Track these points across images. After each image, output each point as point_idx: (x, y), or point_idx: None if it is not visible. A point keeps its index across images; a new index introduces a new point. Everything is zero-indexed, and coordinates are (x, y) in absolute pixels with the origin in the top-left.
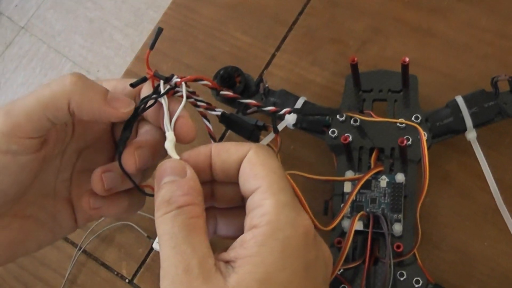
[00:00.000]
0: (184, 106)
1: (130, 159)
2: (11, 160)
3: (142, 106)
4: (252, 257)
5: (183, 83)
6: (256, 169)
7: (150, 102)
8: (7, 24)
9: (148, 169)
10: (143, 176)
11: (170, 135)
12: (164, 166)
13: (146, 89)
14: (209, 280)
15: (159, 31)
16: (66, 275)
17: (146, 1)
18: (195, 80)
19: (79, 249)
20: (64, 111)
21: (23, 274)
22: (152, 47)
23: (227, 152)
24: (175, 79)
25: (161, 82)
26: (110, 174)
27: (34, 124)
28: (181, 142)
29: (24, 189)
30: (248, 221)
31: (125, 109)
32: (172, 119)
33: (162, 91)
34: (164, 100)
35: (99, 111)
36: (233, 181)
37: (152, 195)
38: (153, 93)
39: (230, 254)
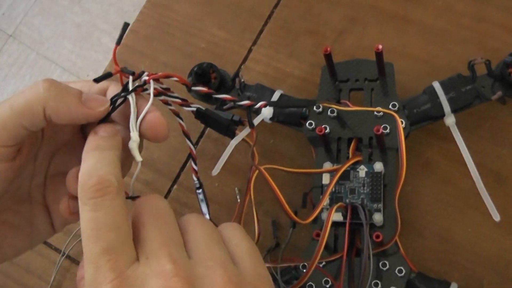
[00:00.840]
0: (156, 105)
1: None
2: None
3: (112, 105)
4: None
5: (151, 80)
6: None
7: (119, 100)
8: None
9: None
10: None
11: (134, 135)
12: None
13: (112, 89)
14: None
15: (125, 26)
16: (51, 282)
17: (133, 3)
18: (166, 77)
19: (63, 255)
20: (40, 117)
21: (7, 282)
22: (118, 42)
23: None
24: (145, 77)
25: (130, 79)
26: None
27: (9, 132)
28: (153, 141)
29: None
30: None
31: (102, 107)
32: (138, 117)
33: (131, 87)
34: (131, 98)
35: (76, 113)
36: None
37: (130, 198)
38: (122, 90)
39: None
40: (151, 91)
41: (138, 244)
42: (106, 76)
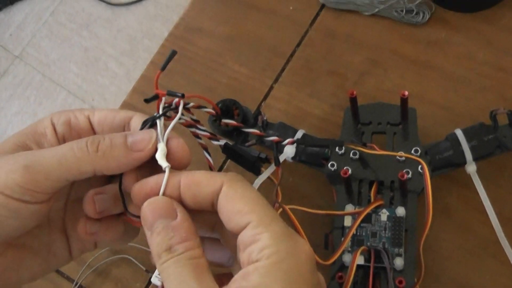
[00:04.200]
0: (182, 138)
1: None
2: (22, 207)
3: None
4: (256, 287)
5: (181, 101)
6: (238, 205)
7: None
8: (1, 54)
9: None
10: None
11: (160, 146)
12: (151, 206)
13: (137, 119)
14: None
15: (172, 54)
16: None
17: (141, 30)
18: (199, 107)
19: (75, 284)
20: (88, 175)
21: None
22: (163, 68)
23: (198, 186)
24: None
25: (162, 100)
26: (102, 196)
27: (53, 183)
28: (175, 168)
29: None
30: (246, 257)
31: (150, 145)
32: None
33: (161, 111)
34: (159, 120)
35: (126, 163)
36: (206, 211)
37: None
38: (162, 114)
39: (231, 287)
40: (180, 109)
41: None
42: (154, 98)
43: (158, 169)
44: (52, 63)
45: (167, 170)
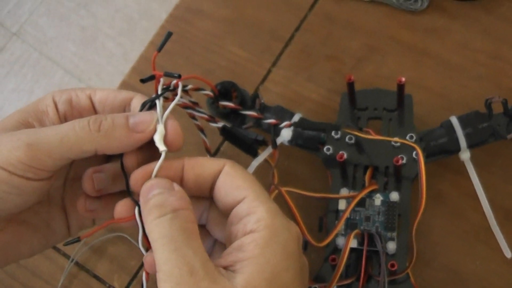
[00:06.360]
0: (176, 119)
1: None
2: (25, 183)
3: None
4: (256, 258)
5: (179, 82)
6: (237, 181)
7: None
8: None
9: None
10: None
11: (159, 127)
12: (150, 183)
13: (137, 100)
14: (215, 281)
15: (168, 35)
16: (58, 287)
17: (139, 11)
18: (197, 89)
19: (71, 261)
20: (89, 153)
21: (14, 284)
22: (159, 49)
23: (201, 166)
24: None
25: (161, 82)
26: (100, 175)
27: (55, 161)
28: (168, 149)
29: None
30: (241, 227)
31: (151, 126)
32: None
33: (160, 91)
34: (159, 101)
35: (127, 143)
36: (202, 195)
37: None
38: (161, 95)
39: (227, 259)
40: (179, 90)
41: None
42: (151, 78)
43: (157, 150)
44: (49, 41)
45: (163, 154)
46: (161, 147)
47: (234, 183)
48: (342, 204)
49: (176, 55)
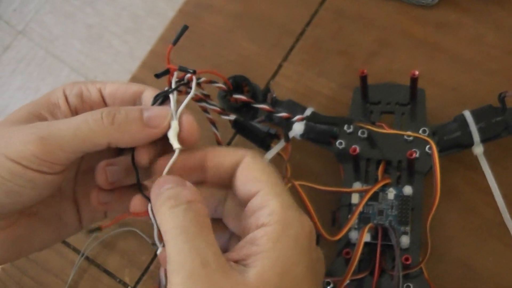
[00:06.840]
0: (192, 114)
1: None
2: (39, 177)
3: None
4: (268, 252)
5: (193, 77)
6: (254, 173)
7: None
8: (4, 28)
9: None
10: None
11: (174, 124)
12: (163, 178)
13: (149, 93)
14: (227, 274)
15: (184, 29)
16: (68, 281)
17: (145, 8)
18: (210, 81)
19: (82, 255)
20: (102, 147)
21: (24, 279)
22: (175, 42)
23: (222, 156)
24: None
25: (174, 75)
26: (113, 167)
27: (67, 155)
28: (183, 144)
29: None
30: (254, 220)
31: (165, 121)
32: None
33: (174, 85)
34: (172, 95)
35: (140, 138)
36: (223, 184)
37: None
38: (175, 88)
39: (239, 252)
40: (193, 84)
41: None
42: (165, 72)
43: (170, 145)
44: (55, 39)
45: (176, 152)
46: (175, 144)
47: (251, 174)
48: (355, 198)
49: (186, 50)
